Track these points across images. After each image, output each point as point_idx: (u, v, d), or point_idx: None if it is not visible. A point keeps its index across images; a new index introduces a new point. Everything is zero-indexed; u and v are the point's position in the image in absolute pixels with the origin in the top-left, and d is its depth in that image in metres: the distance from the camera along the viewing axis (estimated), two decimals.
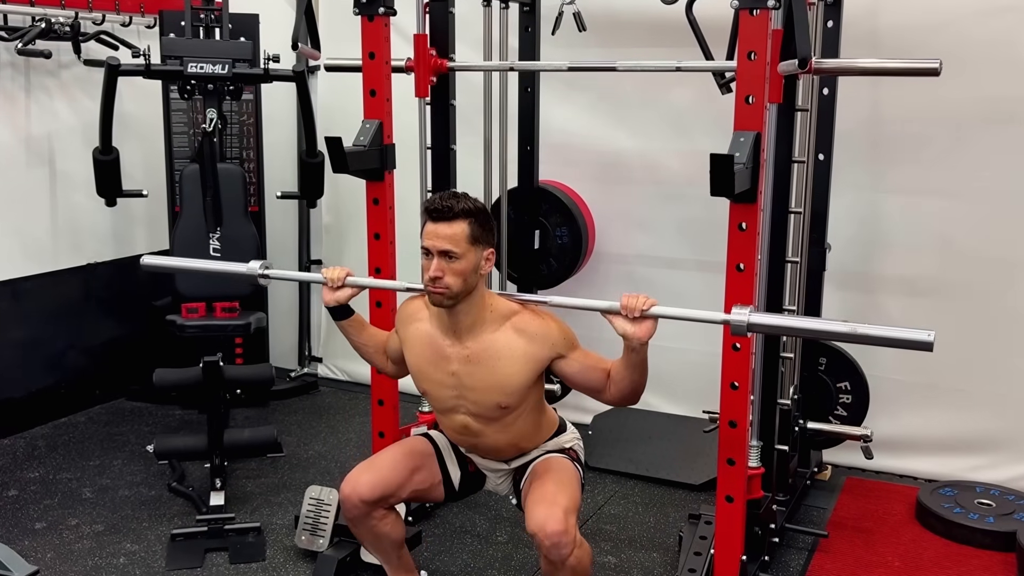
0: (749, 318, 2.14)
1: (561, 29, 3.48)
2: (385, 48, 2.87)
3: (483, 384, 2.37)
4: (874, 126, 3.52)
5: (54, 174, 4.18)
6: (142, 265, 2.80)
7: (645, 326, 2.19)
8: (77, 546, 3.14)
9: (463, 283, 2.28)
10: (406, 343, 2.49)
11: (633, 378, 2.28)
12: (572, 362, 2.37)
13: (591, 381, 2.37)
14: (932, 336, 1.98)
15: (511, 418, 2.42)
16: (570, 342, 2.38)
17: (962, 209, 3.42)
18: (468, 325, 2.36)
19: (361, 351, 2.64)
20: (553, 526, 2.22)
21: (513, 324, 2.36)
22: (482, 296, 2.37)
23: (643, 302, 2.18)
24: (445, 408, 2.47)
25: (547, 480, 2.40)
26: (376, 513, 2.48)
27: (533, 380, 2.38)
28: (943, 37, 3.27)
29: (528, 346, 2.34)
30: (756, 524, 2.80)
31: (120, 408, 4.41)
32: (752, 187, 2.38)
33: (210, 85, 3.48)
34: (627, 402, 2.36)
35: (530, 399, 2.42)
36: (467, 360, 2.37)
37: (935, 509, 3.23)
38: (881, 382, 3.53)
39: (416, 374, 2.49)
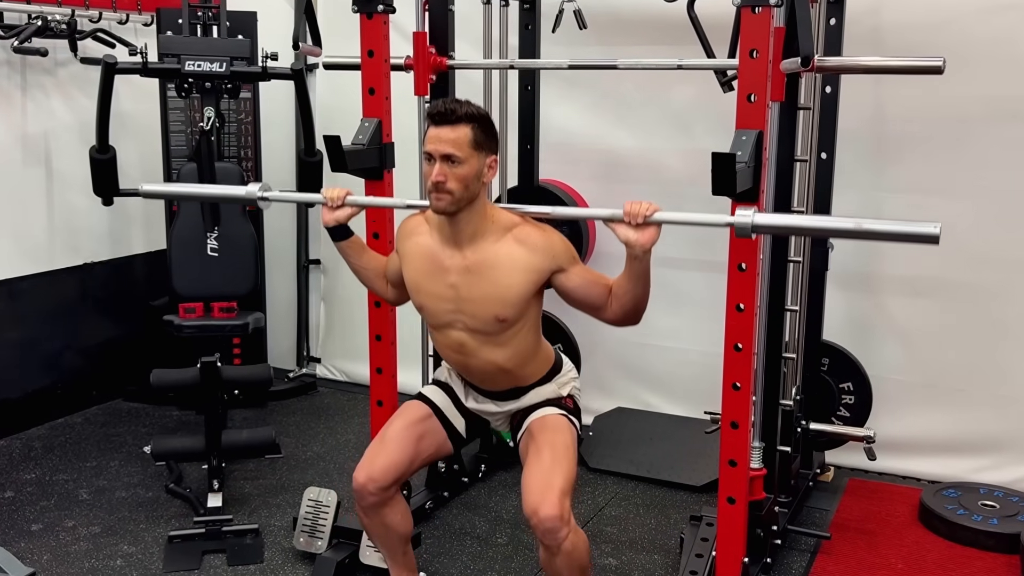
0: (753, 219, 2.12)
1: (561, 27, 3.48)
2: (384, 46, 2.87)
3: (481, 295, 2.34)
4: (877, 125, 3.52)
5: (50, 173, 4.17)
6: (141, 192, 2.80)
7: (648, 232, 2.17)
8: (74, 548, 3.14)
9: (465, 189, 2.26)
10: (405, 258, 2.47)
11: (635, 292, 2.25)
12: (573, 276, 2.34)
13: (592, 296, 2.34)
14: (938, 228, 1.95)
15: (508, 334, 2.38)
16: (571, 255, 2.35)
17: (965, 208, 3.42)
18: (469, 235, 2.33)
19: (360, 275, 2.62)
20: (547, 511, 2.22)
21: (514, 235, 2.33)
22: (483, 206, 2.34)
23: (646, 208, 2.15)
24: (441, 323, 2.43)
25: (543, 449, 2.36)
26: (390, 499, 2.50)
27: (532, 293, 2.35)
28: (946, 35, 3.27)
29: (529, 257, 2.31)
30: (758, 526, 2.80)
31: (117, 409, 4.41)
32: (754, 186, 2.38)
33: (208, 83, 3.48)
34: (628, 319, 2.31)
35: (529, 317, 2.39)
36: (466, 271, 2.34)
37: (938, 511, 3.24)
38: (884, 382, 3.53)
39: (413, 288, 2.46)
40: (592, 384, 4.08)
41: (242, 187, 2.67)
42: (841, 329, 3.57)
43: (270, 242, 4.54)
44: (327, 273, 4.80)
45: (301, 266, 4.80)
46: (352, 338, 4.62)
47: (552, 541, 2.25)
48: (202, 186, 3.32)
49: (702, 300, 3.82)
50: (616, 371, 4.15)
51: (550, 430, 2.42)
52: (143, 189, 2.82)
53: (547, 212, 2.41)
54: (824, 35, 3.13)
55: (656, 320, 4.04)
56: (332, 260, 4.76)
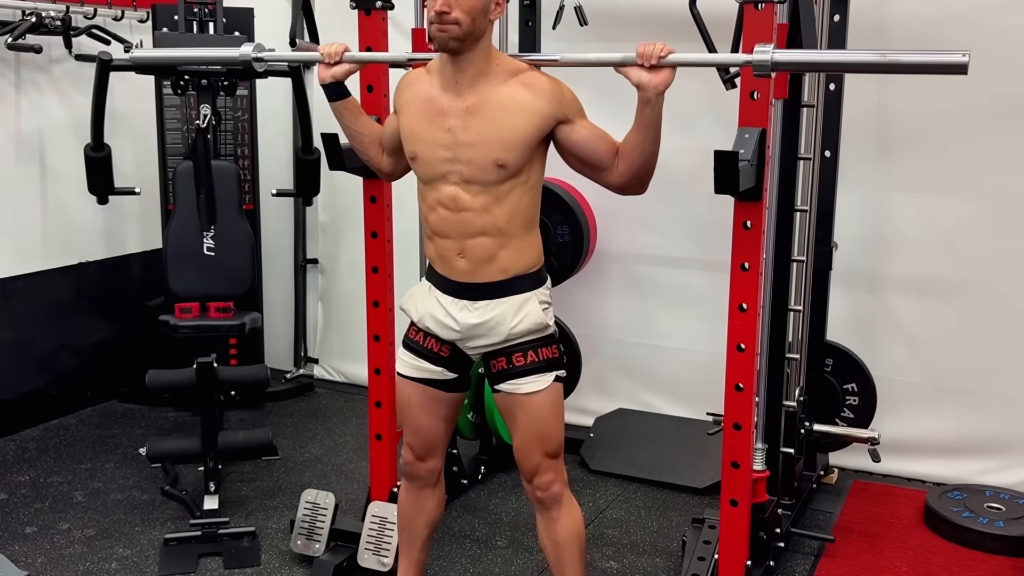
0: (773, 56, 2.09)
1: (562, 23, 3.48)
2: (382, 43, 2.86)
3: (480, 137, 2.23)
4: (882, 122, 3.52)
5: (44, 171, 4.18)
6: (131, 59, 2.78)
7: (662, 74, 2.12)
8: (68, 551, 3.14)
9: (472, 22, 2.17)
10: (403, 110, 2.36)
11: (644, 146, 2.19)
12: (579, 128, 2.26)
13: (597, 153, 2.26)
14: (967, 57, 1.90)
15: (504, 188, 2.26)
16: (578, 107, 2.29)
17: (972, 207, 3.42)
18: (471, 76, 2.23)
19: (355, 140, 2.55)
20: (545, 476, 2.35)
21: (520, 79, 2.24)
22: (488, 47, 2.24)
23: (660, 48, 2.11)
24: (435, 175, 2.30)
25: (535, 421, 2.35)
26: (438, 478, 2.59)
27: (535, 139, 2.24)
28: (952, 31, 3.26)
29: (534, 100, 2.22)
30: (761, 528, 2.80)
31: (112, 410, 4.41)
32: (757, 185, 2.38)
33: (204, 80, 3.48)
34: (634, 182, 2.25)
35: (530, 173, 2.29)
36: (466, 112, 2.24)
37: (944, 513, 3.24)
38: (888, 383, 3.53)
39: (408, 136, 2.33)
40: (593, 385, 4.08)
41: (235, 48, 2.59)
42: (845, 329, 3.57)
43: (267, 241, 4.54)
44: (325, 273, 4.80)
45: (299, 265, 4.80)
46: (350, 338, 4.62)
47: (552, 502, 2.38)
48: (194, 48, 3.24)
49: (704, 300, 3.82)
50: (617, 372, 4.15)
51: (540, 410, 2.35)
52: (134, 55, 2.78)
53: (555, 59, 2.33)
54: (828, 31, 3.13)
55: (658, 320, 4.07)
56: (330, 260, 4.76)
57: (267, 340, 4.64)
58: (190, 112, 4.04)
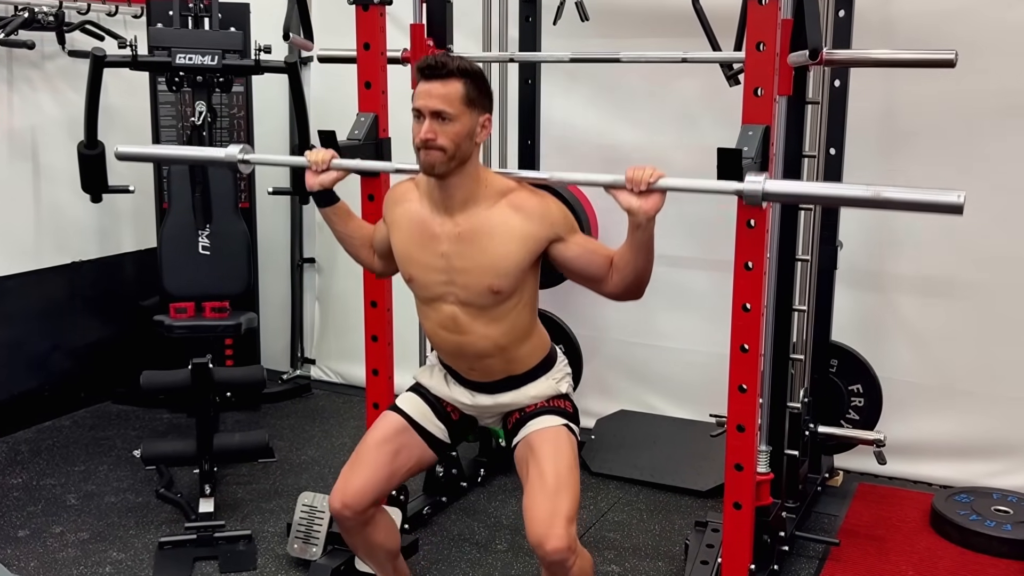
0: (764, 185, 2.09)
1: (563, 19, 3.48)
2: (380, 39, 2.87)
3: (474, 264, 2.27)
4: (887, 119, 3.52)
5: (37, 169, 4.17)
6: (116, 154, 2.79)
7: (652, 199, 2.14)
8: (61, 555, 3.14)
9: (457, 148, 2.19)
10: (393, 227, 2.40)
11: (637, 263, 2.21)
12: (572, 246, 2.29)
13: (592, 267, 2.29)
14: (962, 197, 1.91)
15: (503, 309, 2.31)
16: (570, 224, 2.31)
17: (979, 206, 3.38)
18: (461, 200, 2.26)
19: (346, 243, 2.57)
20: (555, 543, 2.16)
21: (509, 201, 2.27)
22: (476, 169, 2.27)
23: (649, 173, 2.13)
24: (433, 296, 2.36)
25: (546, 471, 2.28)
26: (370, 519, 2.43)
27: (529, 263, 2.28)
28: (959, 27, 3.26)
29: (525, 224, 2.25)
30: (765, 532, 2.80)
31: (106, 411, 4.41)
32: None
33: (199, 77, 3.48)
34: (630, 293, 2.27)
35: (524, 291, 2.33)
36: (458, 238, 2.27)
37: (950, 516, 3.23)
38: (894, 385, 3.53)
39: (403, 258, 2.38)
40: (594, 386, 4.08)
41: (222, 149, 2.65)
42: (850, 329, 3.57)
43: (263, 240, 4.54)
44: (322, 272, 4.81)
45: (295, 265, 4.80)
46: (347, 339, 4.62)
47: (560, 571, 2.20)
48: (181, 148, 3.27)
49: (707, 300, 3.82)
50: (619, 372, 4.15)
51: (551, 446, 2.34)
52: (118, 151, 2.80)
53: (544, 177, 2.36)
54: (833, 27, 3.12)
55: (660, 320, 4.07)
56: (327, 259, 4.76)
57: (263, 340, 4.64)
58: (185, 109, 4.04)
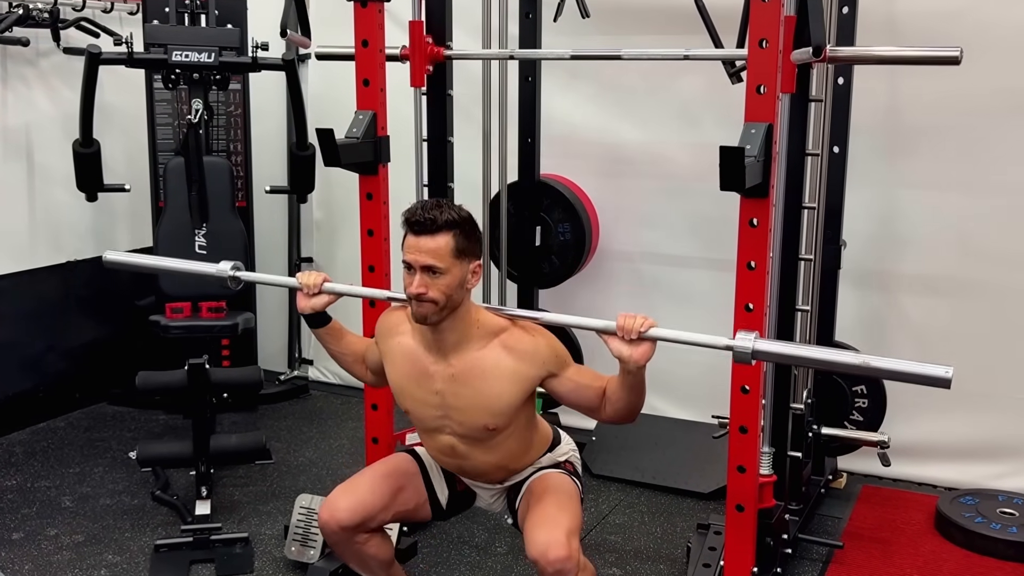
0: (754, 344, 2.11)
1: (564, 15, 3.48)
2: (379, 35, 2.87)
3: (469, 404, 2.33)
4: (891, 117, 3.52)
5: (32, 168, 4.18)
6: (104, 263, 2.78)
7: (643, 349, 2.15)
8: (56, 557, 3.14)
9: (448, 299, 2.24)
10: (387, 357, 2.45)
11: (630, 399, 2.26)
12: (565, 381, 2.34)
13: (585, 400, 2.34)
14: (950, 372, 1.95)
15: (500, 439, 2.38)
16: (562, 360, 2.34)
17: (984, 204, 3.42)
18: (453, 342, 2.32)
19: (339, 360, 2.63)
20: (556, 552, 2.18)
21: (501, 341, 2.31)
22: (468, 311, 2.32)
23: (640, 323, 2.14)
24: (429, 428, 2.44)
25: (546, 501, 2.36)
26: (358, 537, 2.45)
27: (522, 400, 2.34)
28: (964, 24, 3.26)
29: (517, 365, 2.30)
30: (768, 534, 2.80)
31: (101, 413, 4.41)
32: (764, 181, 2.38)
33: (196, 74, 3.48)
34: (623, 421, 2.33)
35: (520, 419, 2.39)
36: (452, 379, 2.33)
37: (955, 519, 3.24)
38: (898, 386, 3.51)
39: (398, 391, 2.45)
40: None
41: (213, 264, 2.68)
42: (854, 329, 3.57)
43: (260, 239, 4.54)
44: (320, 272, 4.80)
45: (293, 264, 4.79)
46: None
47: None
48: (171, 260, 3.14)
49: (710, 299, 3.81)
50: None
51: (552, 487, 2.42)
52: (106, 259, 2.77)
53: (536, 316, 2.38)
54: (836, 24, 3.12)
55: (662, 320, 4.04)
56: (325, 258, 4.76)
57: (260, 341, 4.64)
58: (181, 107, 4.04)
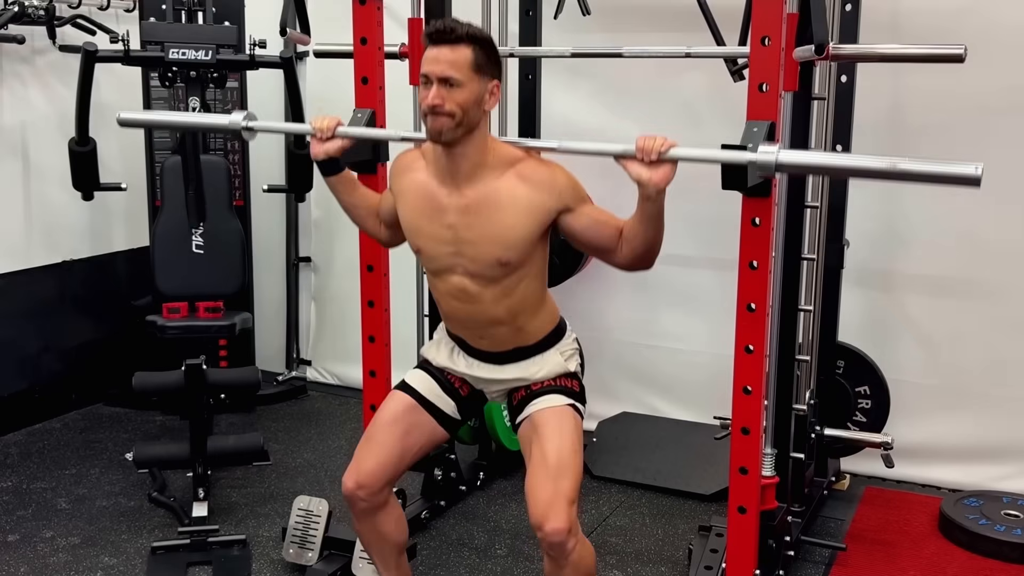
0: (778, 156, 2.08)
1: (564, 13, 3.48)
2: (378, 33, 2.87)
3: (482, 236, 2.28)
4: (895, 116, 3.52)
5: (27, 166, 4.17)
6: (119, 121, 2.81)
7: (663, 170, 2.12)
8: (52, 560, 3.14)
9: (465, 114, 2.19)
10: (400, 197, 2.41)
11: (647, 235, 2.21)
12: (581, 216, 2.29)
13: (601, 238, 2.29)
14: (980, 170, 1.92)
15: (512, 280, 2.33)
16: (579, 194, 2.31)
17: (989, 203, 3.40)
18: (467, 171, 2.27)
19: (352, 213, 2.58)
20: (555, 523, 2.20)
21: (517, 171, 2.27)
22: (484, 138, 2.28)
23: (660, 143, 2.11)
24: (441, 268, 2.37)
25: (548, 452, 2.31)
26: (384, 503, 2.48)
27: (537, 234, 2.29)
28: (969, 21, 3.27)
29: (533, 194, 2.26)
30: (770, 536, 2.80)
31: (97, 414, 4.41)
32: (766, 180, 2.38)
33: (193, 72, 3.47)
34: (639, 264, 2.27)
35: (533, 263, 2.34)
36: (465, 210, 2.28)
37: (959, 520, 3.24)
38: (902, 386, 3.53)
39: (410, 230, 2.40)
40: (596, 388, 4.04)
41: (226, 116, 2.67)
42: (857, 330, 3.57)
43: (258, 239, 4.54)
44: (318, 271, 4.81)
45: (291, 264, 4.80)
46: (344, 339, 4.62)
47: (559, 553, 2.24)
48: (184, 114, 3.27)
49: (711, 300, 3.82)
50: (621, 374, 4.15)
51: (555, 426, 2.36)
52: (121, 117, 2.81)
53: (553, 146, 2.35)
54: (839, 21, 3.13)
55: (663, 320, 4.07)
56: (323, 258, 4.77)
57: (258, 341, 4.64)
58: (178, 105, 4.04)
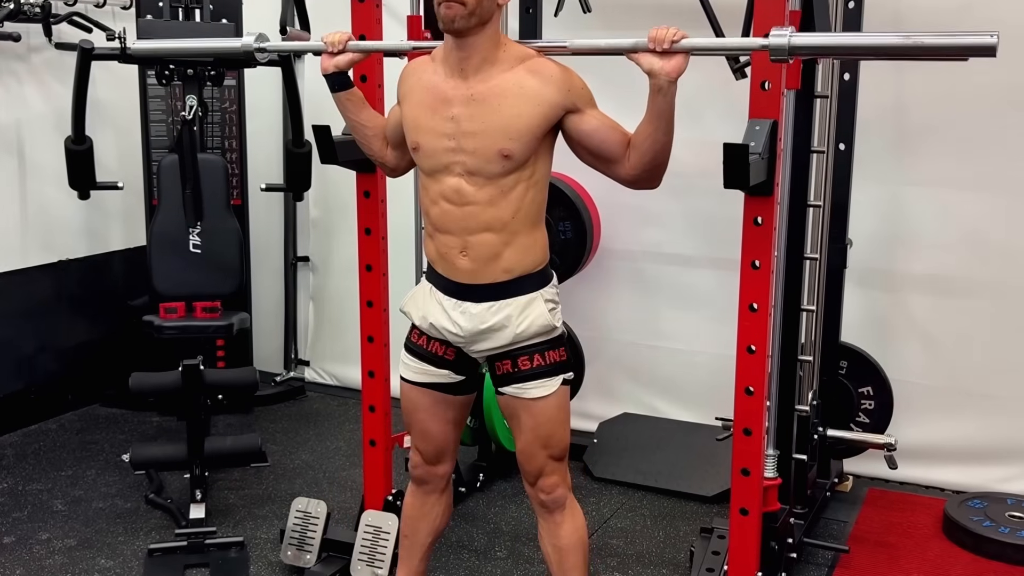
0: (790, 39, 2.07)
1: (564, 10, 3.47)
2: (376, 31, 2.87)
3: (485, 126, 2.24)
4: (899, 113, 3.52)
5: (23, 165, 4.17)
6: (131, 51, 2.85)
7: (675, 61, 2.11)
8: (48, 562, 3.14)
9: (478, 3, 2.17)
10: (405, 99, 2.38)
11: (657, 135, 2.18)
12: (589, 118, 2.27)
13: (608, 144, 2.26)
14: (995, 38, 1.90)
15: (510, 180, 2.27)
16: (588, 96, 2.30)
17: (993, 202, 3.42)
18: (477, 63, 2.25)
19: (358, 133, 2.56)
20: (549, 479, 2.37)
21: (528, 66, 2.26)
22: (496, 32, 2.26)
23: (673, 32, 2.11)
24: (439, 166, 2.30)
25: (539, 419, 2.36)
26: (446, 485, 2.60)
27: (543, 129, 2.26)
28: (972, 18, 3.26)
29: (542, 87, 2.23)
30: (772, 538, 2.80)
31: (94, 415, 4.41)
32: (768, 179, 2.38)
33: (190, 70, 3.47)
34: (646, 175, 2.25)
35: (536, 167, 2.30)
36: (471, 100, 2.25)
37: (963, 522, 3.23)
38: (906, 387, 3.53)
39: (411, 125, 2.35)
40: (597, 388, 4.09)
41: (237, 39, 2.65)
42: (860, 330, 3.57)
43: (256, 238, 4.54)
44: (316, 271, 4.81)
45: (289, 263, 4.80)
46: (343, 340, 4.62)
47: (556, 506, 2.40)
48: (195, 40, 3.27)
49: (713, 299, 3.82)
50: (622, 374, 4.15)
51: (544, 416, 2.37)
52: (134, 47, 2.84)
53: (563, 46, 2.34)
54: (842, 19, 3.13)
55: (664, 320, 4.07)
56: (321, 257, 4.77)
57: (256, 341, 4.64)
58: (175, 103, 4.04)
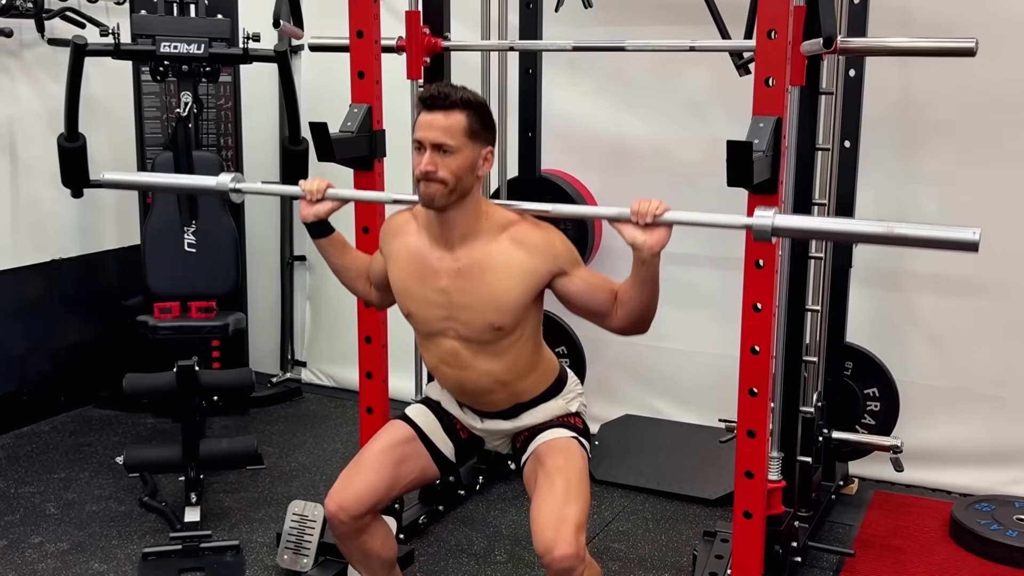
0: (774, 220, 2.09)
1: (565, 5, 3.48)
2: (374, 26, 2.87)
3: (475, 300, 2.30)
4: (904, 111, 3.52)
5: (15, 163, 4.17)
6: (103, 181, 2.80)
7: (658, 234, 2.14)
8: (41, 566, 3.14)
9: (458, 181, 2.22)
10: (391, 259, 2.43)
11: (642, 298, 2.23)
12: (575, 280, 2.30)
13: (596, 302, 2.30)
14: (977, 234, 1.94)
15: (505, 343, 2.34)
16: (573, 257, 2.33)
17: (1000, 200, 3.42)
18: (460, 235, 2.30)
19: (341, 275, 2.60)
20: (563, 550, 2.18)
21: (511, 235, 2.29)
22: (477, 202, 2.30)
23: (655, 206, 2.13)
24: (433, 331, 2.38)
25: (555, 478, 2.31)
26: (366, 526, 2.45)
27: (531, 298, 2.31)
28: (980, 14, 3.26)
29: (527, 258, 2.28)
30: (776, 542, 2.80)
31: (87, 416, 4.41)
32: (772, 177, 2.38)
33: (185, 66, 3.48)
34: (635, 328, 2.30)
35: (527, 325, 2.35)
36: (458, 274, 2.30)
37: (970, 526, 3.24)
38: (912, 388, 3.53)
39: (401, 292, 2.41)
40: (598, 390, 4.08)
41: (213, 178, 2.66)
42: (866, 330, 3.57)
43: (252, 237, 4.54)
44: (313, 270, 4.81)
45: (285, 263, 4.80)
46: (340, 340, 4.62)
47: None
48: (170, 176, 3.30)
49: (717, 300, 3.82)
50: (624, 376, 4.15)
51: (561, 455, 2.37)
52: (105, 178, 2.81)
53: (547, 210, 2.37)
54: (847, 14, 3.12)
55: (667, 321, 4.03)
56: (319, 256, 4.72)
57: (252, 342, 4.64)
58: (170, 100, 4.03)
